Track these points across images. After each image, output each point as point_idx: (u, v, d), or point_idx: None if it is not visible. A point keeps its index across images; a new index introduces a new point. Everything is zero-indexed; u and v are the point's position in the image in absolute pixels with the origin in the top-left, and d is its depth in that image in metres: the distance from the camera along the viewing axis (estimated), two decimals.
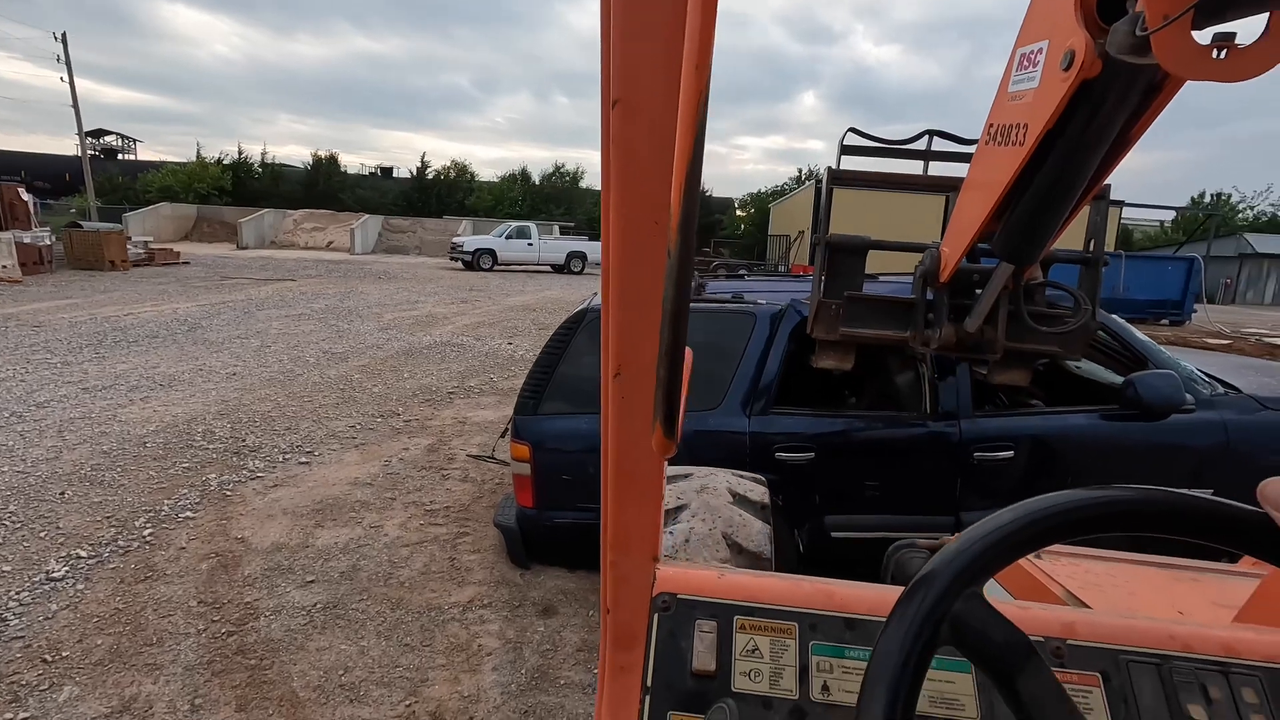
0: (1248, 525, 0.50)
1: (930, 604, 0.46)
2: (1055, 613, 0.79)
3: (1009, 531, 0.49)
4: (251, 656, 2.96)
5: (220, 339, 9.77)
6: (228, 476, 4.88)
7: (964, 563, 0.47)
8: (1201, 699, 0.70)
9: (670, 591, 0.82)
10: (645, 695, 0.76)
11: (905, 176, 2.79)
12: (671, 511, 2.01)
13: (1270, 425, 3.24)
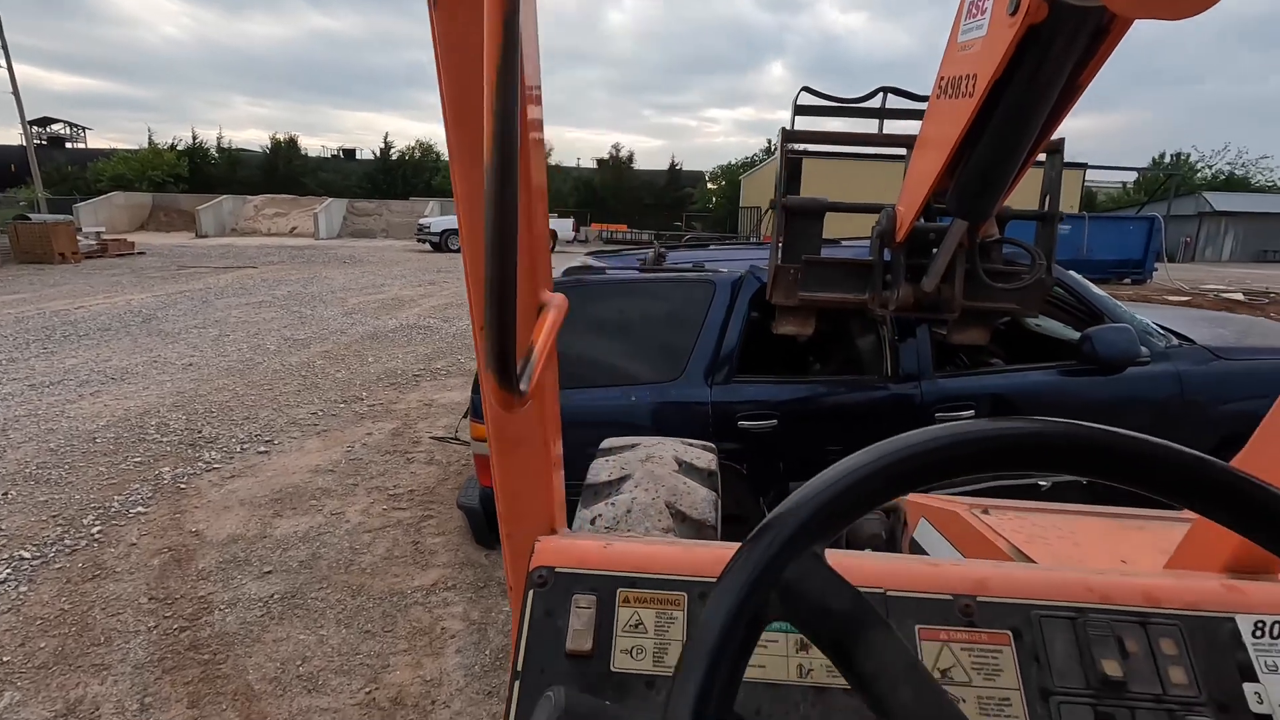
0: (1133, 455, 0.42)
1: (753, 572, 0.38)
2: (967, 568, 0.74)
3: (862, 476, 0.41)
4: (205, 651, 2.87)
5: (176, 329, 9.47)
6: (182, 469, 4.73)
7: (802, 518, 0.40)
8: (1117, 653, 0.66)
9: (548, 565, 0.76)
10: (515, 681, 0.69)
11: (861, 135, 2.73)
12: (614, 482, 1.95)
13: (1222, 375, 3.28)
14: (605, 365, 3.36)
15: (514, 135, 0.40)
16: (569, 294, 3.29)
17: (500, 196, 0.41)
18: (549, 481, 0.83)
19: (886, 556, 0.78)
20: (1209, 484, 0.40)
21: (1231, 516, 0.40)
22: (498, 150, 0.40)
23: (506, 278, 0.43)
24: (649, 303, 3.47)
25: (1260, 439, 0.80)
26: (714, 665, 0.35)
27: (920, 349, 3.28)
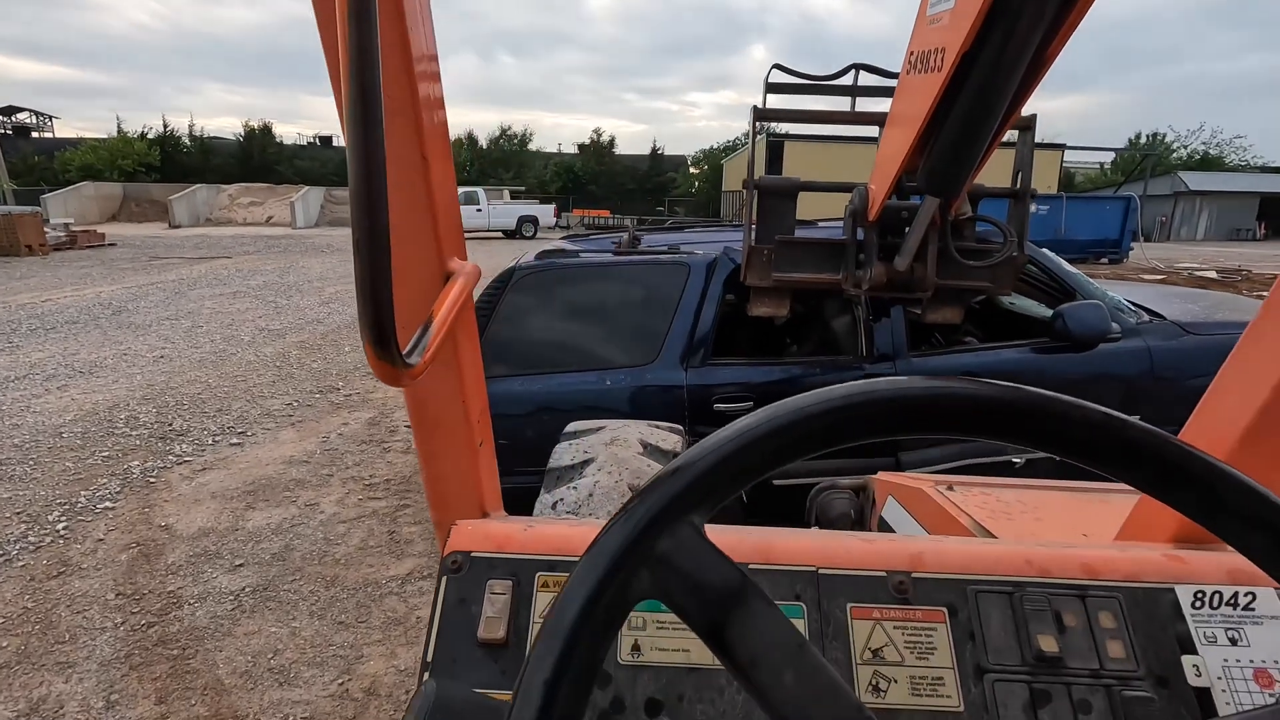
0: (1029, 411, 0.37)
1: (618, 547, 0.34)
2: (903, 543, 0.71)
3: (751, 439, 0.37)
4: (174, 647, 2.82)
5: (147, 321, 9.28)
6: (152, 463, 4.64)
7: (678, 486, 0.35)
8: (1054, 628, 0.64)
9: (463, 550, 0.72)
10: (424, 673, 0.66)
11: (833, 114, 2.69)
12: (577, 466, 1.92)
13: (1191, 349, 3.31)
14: (579, 349, 3.31)
15: (375, 69, 0.36)
16: (540, 278, 3.25)
17: (365, 141, 0.37)
18: (474, 462, 0.80)
19: (820, 533, 0.76)
20: (1120, 444, 0.36)
21: (1142, 477, 0.36)
22: (357, 91, 0.36)
23: (376, 235, 0.39)
24: (623, 286, 3.42)
25: (1204, 409, 0.78)
26: (567, 653, 0.31)
27: (895, 329, 3.27)
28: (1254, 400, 0.70)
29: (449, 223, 0.67)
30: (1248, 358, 0.73)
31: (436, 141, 0.63)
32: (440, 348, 0.69)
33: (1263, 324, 0.72)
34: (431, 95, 0.61)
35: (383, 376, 0.45)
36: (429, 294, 0.64)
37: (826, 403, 0.37)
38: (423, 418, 0.77)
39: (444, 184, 0.65)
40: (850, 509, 1.82)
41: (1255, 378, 0.71)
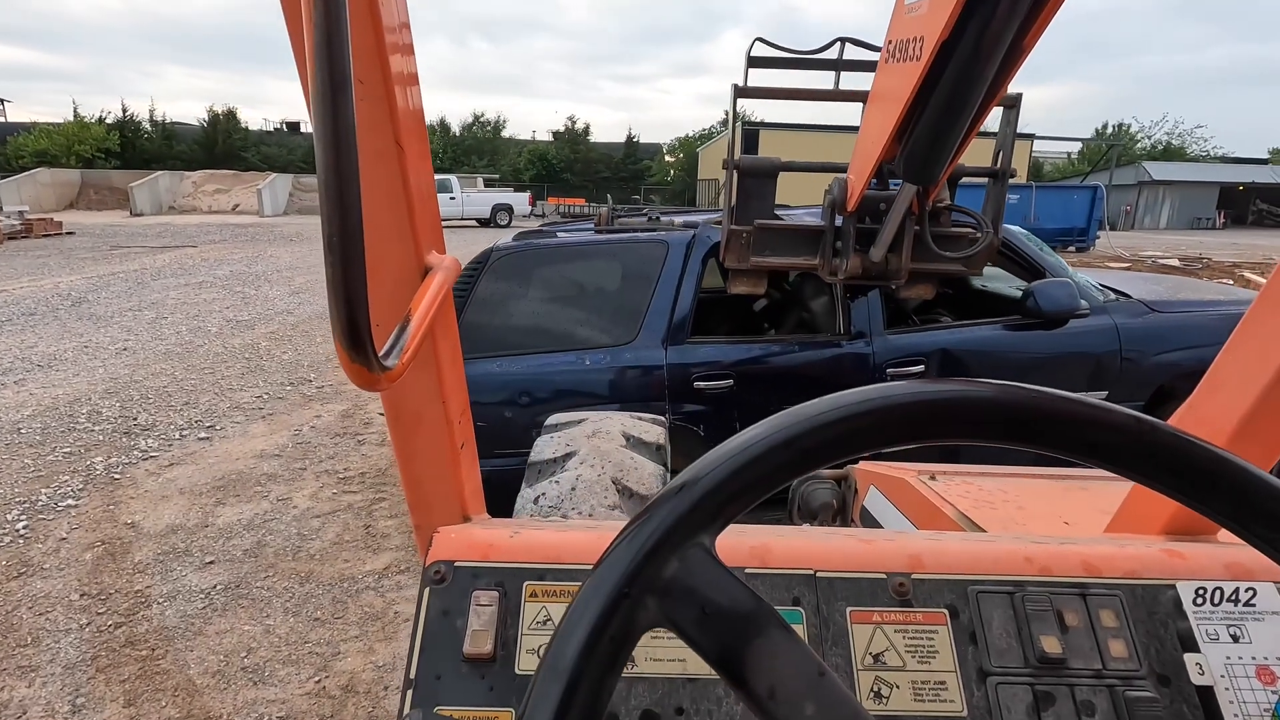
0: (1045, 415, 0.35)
1: (623, 574, 0.31)
2: (901, 543, 0.70)
3: (763, 450, 0.34)
4: (142, 647, 2.74)
5: (109, 313, 9.00)
6: (116, 459, 4.50)
7: (686, 504, 0.33)
8: (1056, 628, 0.63)
9: (446, 559, 0.69)
10: (407, 691, 0.63)
11: (816, 91, 2.68)
12: (559, 459, 1.89)
13: (1157, 326, 3.42)
14: (558, 330, 3.30)
15: (345, 46, 0.33)
16: (517, 259, 3.19)
17: (334, 126, 0.34)
18: (456, 465, 0.77)
19: (817, 533, 0.74)
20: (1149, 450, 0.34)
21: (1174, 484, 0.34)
22: (326, 68, 0.33)
23: (348, 231, 0.36)
24: (601, 265, 3.42)
25: (1199, 399, 0.78)
26: (569, 694, 0.29)
27: (871, 307, 3.32)
28: (1250, 391, 0.70)
29: (426, 214, 0.64)
30: (1243, 348, 0.73)
31: (412, 127, 0.59)
32: (419, 347, 0.69)
33: (1257, 316, 0.72)
34: (405, 75, 0.58)
35: (359, 381, 0.41)
36: (406, 290, 0.61)
37: (843, 409, 0.34)
38: (401, 419, 0.73)
39: (420, 173, 0.62)
40: (833, 499, 1.82)
41: (1251, 370, 0.70)
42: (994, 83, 1.71)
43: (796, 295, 3.97)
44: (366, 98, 0.54)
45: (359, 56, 0.51)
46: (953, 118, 1.79)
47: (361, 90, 0.53)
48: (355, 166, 0.35)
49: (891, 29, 2.04)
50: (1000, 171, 2.55)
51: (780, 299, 4.22)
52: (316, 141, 0.35)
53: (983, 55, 1.57)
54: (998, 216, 2.60)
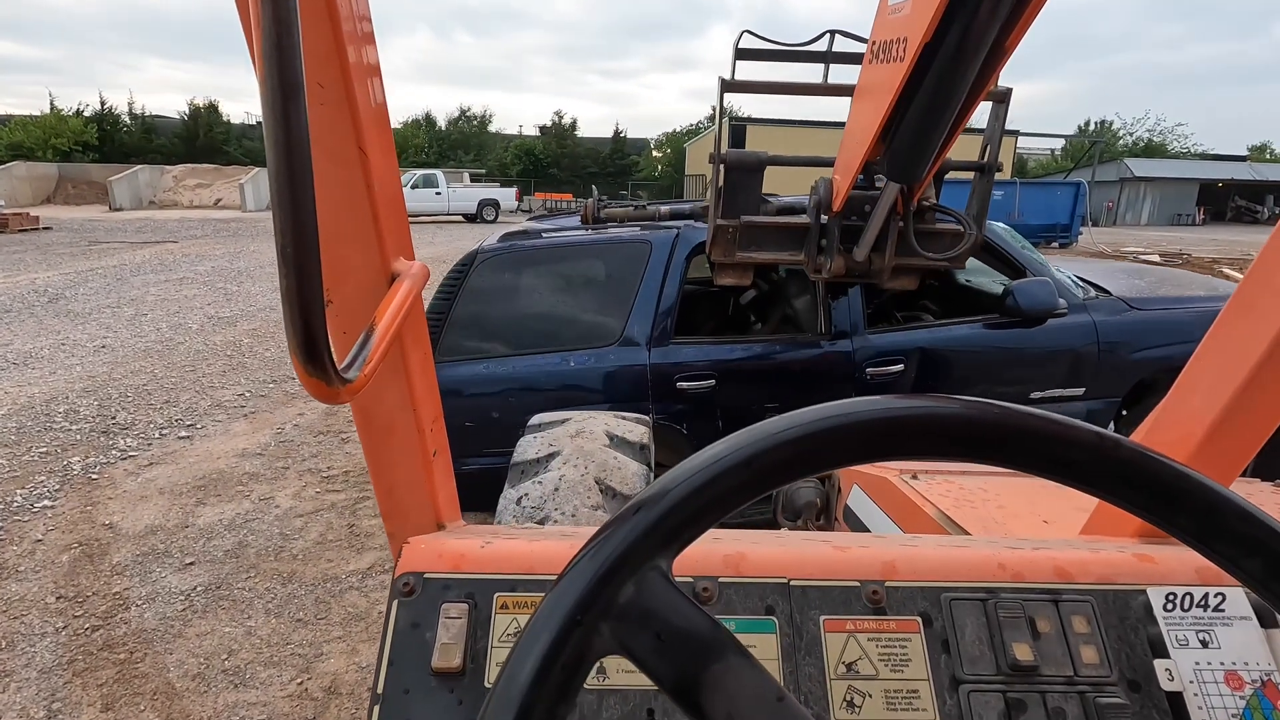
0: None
1: (575, 601, 0.30)
2: (876, 550, 0.70)
3: (725, 468, 0.33)
4: (120, 651, 2.70)
5: (87, 309, 8.85)
6: (94, 459, 4.43)
7: (643, 525, 0.32)
8: (1028, 635, 0.63)
9: (415, 571, 0.68)
10: (375, 706, 0.62)
11: (804, 86, 2.67)
12: (542, 460, 1.88)
13: (1135, 324, 3.44)
14: (544, 331, 3.30)
15: (296, 47, 0.32)
16: (502, 260, 3.19)
17: (288, 132, 0.33)
18: (429, 473, 0.76)
19: (792, 540, 0.74)
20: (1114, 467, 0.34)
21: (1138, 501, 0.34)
22: (278, 66, 0.32)
23: (303, 242, 0.35)
24: (585, 265, 3.42)
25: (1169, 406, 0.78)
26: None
27: (852, 307, 3.34)
28: (1219, 397, 0.70)
29: (393, 220, 0.63)
30: (1212, 355, 0.73)
31: (375, 131, 0.58)
32: (386, 355, 0.66)
33: (1226, 322, 0.72)
34: (367, 78, 0.56)
35: (317, 395, 0.40)
36: (373, 299, 0.61)
37: (803, 427, 0.34)
38: (371, 428, 0.72)
39: (386, 178, 0.61)
40: (817, 498, 1.82)
41: (1220, 376, 0.71)
42: (976, 83, 1.73)
43: (781, 291, 3.99)
44: (326, 102, 0.53)
45: (317, 59, 0.50)
46: (936, 118, 1.81)
47: (320, 94, 0.52)
48: (309, 174, 0.34)
49: (875, 30, 2.04)
50: (987, 165, 2.55)
51: (767, 290, 4.24)
52: (268, 149, 0.33)
53: (965, 56, 1.59)
54: (982, 212, 2.61)
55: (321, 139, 0.54)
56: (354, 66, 0.53)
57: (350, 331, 0.63)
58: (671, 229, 3.38)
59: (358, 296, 0.62)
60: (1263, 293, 0.67)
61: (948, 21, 1.56)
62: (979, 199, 2.61)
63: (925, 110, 1.80)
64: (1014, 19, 1.57)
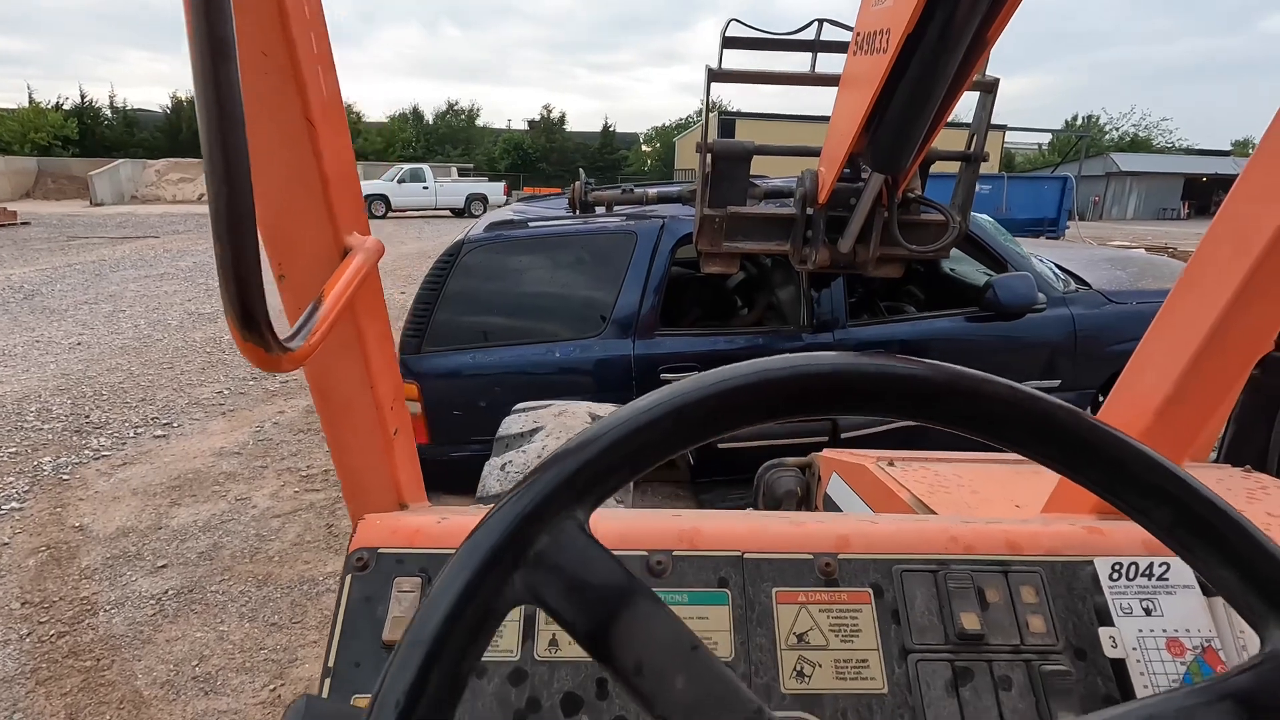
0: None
1: (489, 549, 0.30)
2: (831, 524, 0.71)
3: (644, 422, 0.32)
4: (87, 658, 2.62)
5: (63, 306, 8.68)
6: (66, 458, 4.32)
7: (558, 476, 0.32)
8: (977, 605, 0.65)
9: (369, 546, 0.69)
10: (325, 679, 0.62)
11: (792, 75, 2.63)
12: (526, 434, 1.94)
13: (1113, 317, 3.48)
14: (530, 322, 3.31)
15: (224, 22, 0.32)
16: (488, 250, 3.21)
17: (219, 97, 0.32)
18: (389, 452, 0.76)
19: (750, 515, 0.75)
20: (1029, 420, 0.34)
21: (1049, 453, 0.34)
22: (201, 37, 0.31)
23: (237, 211, 0.35)
24: (571, 256, 3.42)
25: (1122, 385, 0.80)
26: (428, 665, 0.29)
27: (835, 299, 3.36)
28: (1169, 375, 0.72)
29: (345, 195, 0.63)
30: (1161, 337, 0.76)
31: (324, 103, 0.58)
32: (338, 329, 0.66)
33: (1173, 306, 0.74)
34: (315, 49, 0.56)
35: (256, 362, 0.40)
36: (325, 271, 0.60)
37: (727, 382, 0.34)
38: (328, 405, 0.73)
39: (337, 151, 0.60)
40: (797, 486, 1.82)
41: (1168, 357, 0.73)
42: (958, 74, 1.75)
43: (766, 280, 4.00)
44: (271, 71, 0.52)
45: (262, 28, 0.50)
46: (919, 108, 1.82)
47: (264, 63, 0.52)
48: (242, 139, 0.34)
49: (859, 21, 2.04)
50: (973, 155, 2.54)
51: (755, 273, 4.25)
52: (199, 117, 0.33)
53: (947, 48, 1.61)
54: (967, 202, 2.60)
55: (267, 109, 0.54)
56: (299, 36, 0.52)
57: (303, 306, 0.63)
58: (657, 219, 3.36)
59: (310, 269, 0.62)
60: (1205, 274, 0.69)
61: (929, 13, 1.57)
62: (964, 189, 2.61)
63: (908, 101, 1.81)
64: (994, 11, 1.59)
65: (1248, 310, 0.65)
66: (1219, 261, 0.67)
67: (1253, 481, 1.47)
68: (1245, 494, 1.42)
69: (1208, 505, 0.32)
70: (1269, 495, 1.41)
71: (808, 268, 2.68)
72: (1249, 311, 0.66)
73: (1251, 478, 1.50)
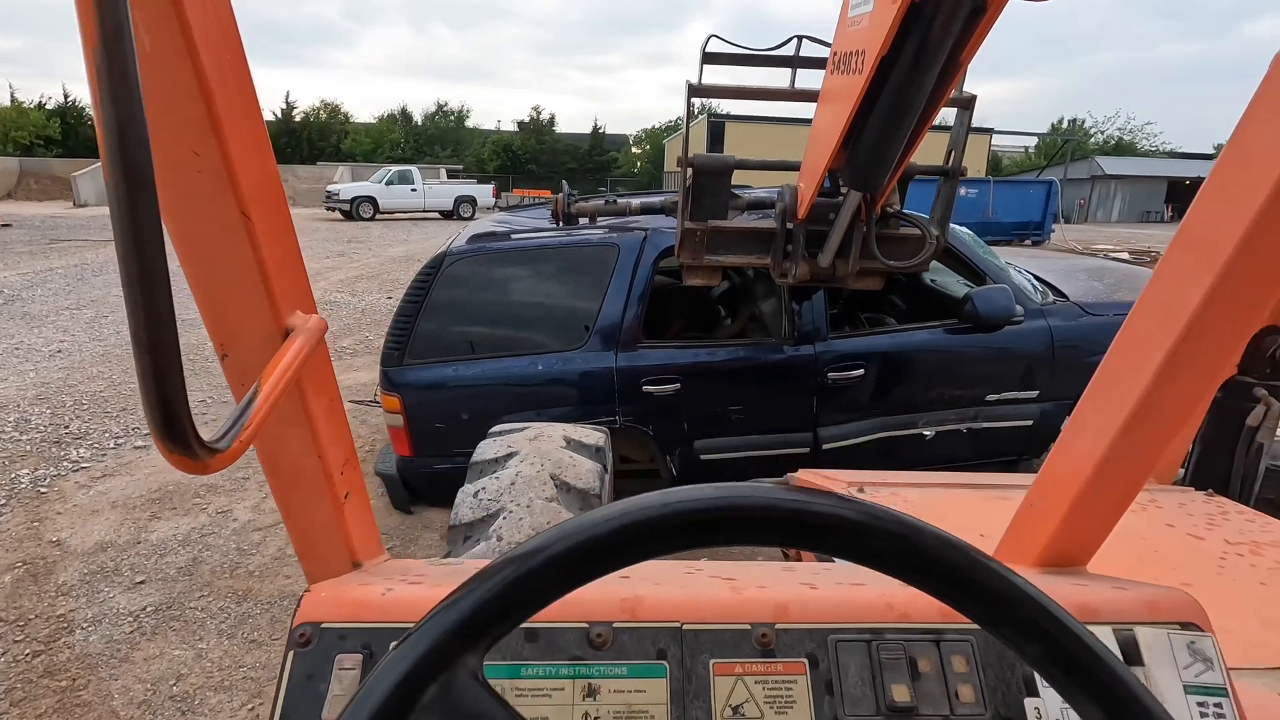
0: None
1: (372, 708, 0.30)
2: (770, 592, 0.72)
3: (539, 562, 0.33)
4: (62, 677, 2.59)
5: (44, 311, 8.58)
6: (44, 470, 4.27)
7: (452, 621, 0.32)
8: (908, 677, 0.66)
9: (313, 620, 0.68)
10: None
11: (771, 90, 2.65)
12: (500, 459, 1.94)
13: (1089, 329, 3.52)
14: (512, 334, 3.31)
15: (141, 133, 0.32)
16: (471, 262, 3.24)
17: (135, 211, 0.32)
18: (340, 516, 0.76)
19: (694, 581, 0.75)
20: (914, 555, 0.35)
21: (936, 589, 0.35)
22: (120, 149, 0.31)
23: (157, 322, 0.34)
24: (554, 268, 3.44)
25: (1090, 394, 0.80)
26: None
27: (816, 311, 3.38)
28: (1130, 397, 0.72)
29: (288, 276, 0.63)
30: (1121, 356, 0.76)
31: (259, 194, 0.58)
32: (284, 406, 0.67)
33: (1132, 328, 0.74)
34: (248, 141, 0.56)
35: (182, 469, 0.39)
36: (266, 352, 0.61)
37: (614, 521, 0.34)
38: (278, 475, 0.73)
39: (276, 236, 0.61)
40: None
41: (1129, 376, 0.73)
42: (933, 95, 1.76)
43: (748, 291, 4.03)
44: (204, 170, 0.53)
45: (192, 126, 0.51)
46: (894, 128, 1.84)
47: (197, 163, 0.52)
48: (161, 256, 0.34)
49: (836, 40, 2.07)
50: (951, 170, 2.57)
51: (739, 283, 4.27)
52: (115, 235, 0.33)
53: (921, 70, 1.64)
54: (945, 216, 2.64)
55: (203, 205, 0.55)
56: (231, 131, 0.53)
57: (246, 384, 0.64)
58: (639, 232, 3.37)
59: (252, 351, 0.63)
60: (1166, 292, 0.70)
61: (903, 36, 1.58)
62: (943, 203, 2.64)
63: (884, 121, 1.85)
64: (967, 34, 1.61)
65: (1209, 331, 0.66)
66: (1179, 281, 0.68)
67: (1214, 506, 1.50)
68: (1205, 519, 1.45)
69: (1078, 644, 0.33)
70: (1228, 520, 1.43)
71: (788, 281, 2.70)
72: (1210, 333, 0.66)
73: (1213, 502, 1.52)
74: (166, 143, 0.50)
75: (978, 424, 3.50)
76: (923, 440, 3.48)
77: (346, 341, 7.47)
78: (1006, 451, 3.65)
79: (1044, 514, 0.80)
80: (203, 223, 0.55)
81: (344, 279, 11.50)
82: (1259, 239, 0.59)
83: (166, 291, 0.35)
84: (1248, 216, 0.58)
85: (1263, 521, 1.42)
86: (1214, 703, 0.65)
